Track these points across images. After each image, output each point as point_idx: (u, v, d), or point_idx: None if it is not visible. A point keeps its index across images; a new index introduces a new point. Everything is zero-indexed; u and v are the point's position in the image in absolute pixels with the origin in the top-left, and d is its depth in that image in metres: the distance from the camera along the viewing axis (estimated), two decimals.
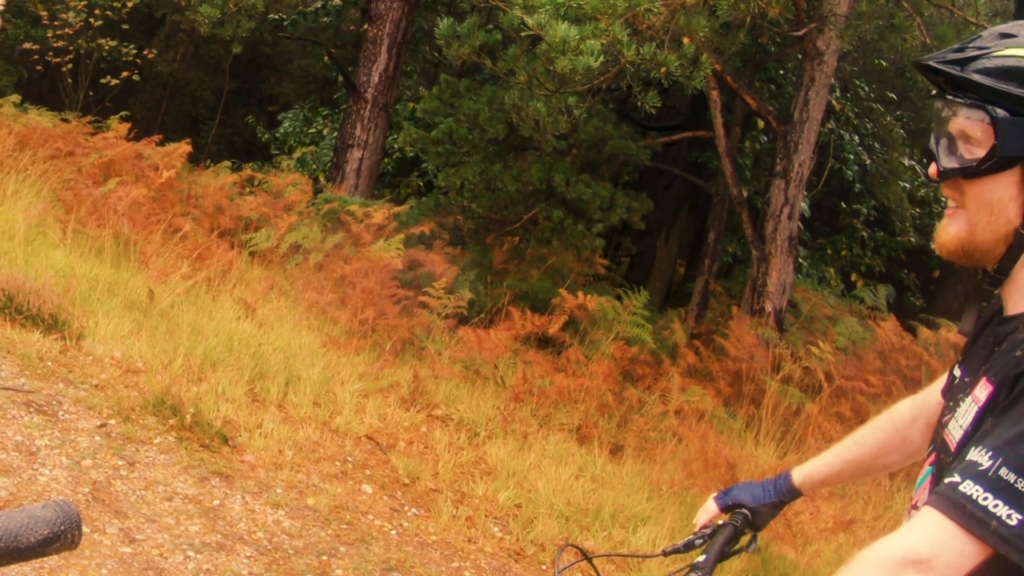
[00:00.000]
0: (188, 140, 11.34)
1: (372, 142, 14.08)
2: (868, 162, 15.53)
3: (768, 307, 10.77)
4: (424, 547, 5.57)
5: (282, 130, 19.50)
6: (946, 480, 1.72)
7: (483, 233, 12.94)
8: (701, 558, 2.32)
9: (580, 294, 9.74)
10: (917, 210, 16.61)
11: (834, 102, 14.39)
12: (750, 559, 6.29)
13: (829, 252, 16.04)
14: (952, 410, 1.95)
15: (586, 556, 2.45)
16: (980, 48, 1.87)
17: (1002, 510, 1.62)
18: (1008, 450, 1.66)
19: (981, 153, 1.85)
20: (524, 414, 7.90)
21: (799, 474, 2.57)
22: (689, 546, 2.47)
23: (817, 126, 10.94)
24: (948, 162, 1.92)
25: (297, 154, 17.86)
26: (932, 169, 1.99)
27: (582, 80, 8.87)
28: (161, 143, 11.25)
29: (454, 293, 9.80)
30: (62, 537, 1.47)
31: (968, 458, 1.71)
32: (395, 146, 16.43)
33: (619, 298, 10.30)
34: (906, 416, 2.48)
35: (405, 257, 10.05)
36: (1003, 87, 1.81)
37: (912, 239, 16.22)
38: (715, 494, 2.64)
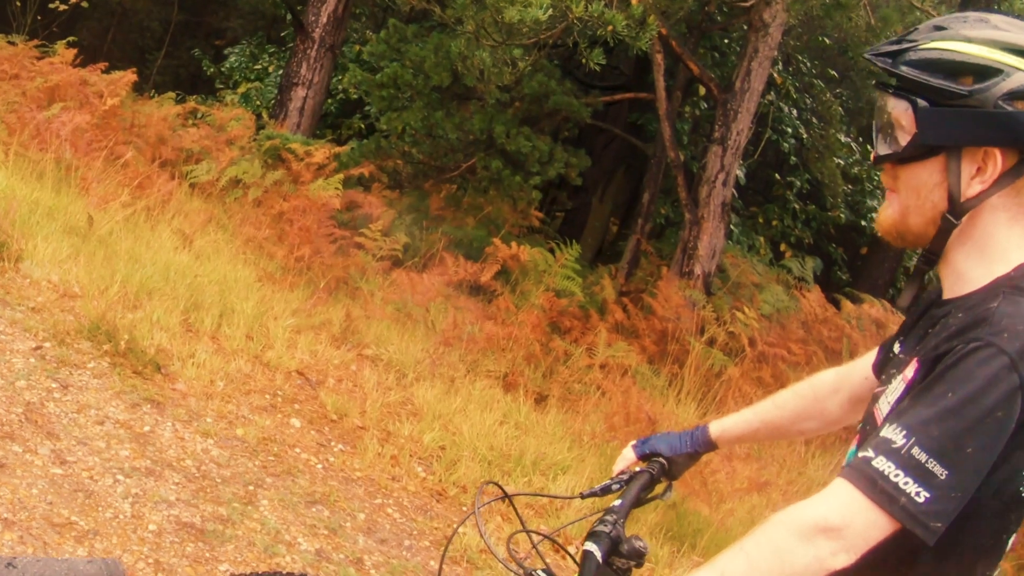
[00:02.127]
0: (134, 69, 11.20)
1: (317, 82, 14.05)
2: (805, 136, 15.68)
3: (697, 270, 10.94)
4: (349, 482, 5.66)
5: (228, 65, 19.33)
6: (860, 454, 1.81)
7: (422, 179, 12.98)
8: (617, 502, 2.36)
9: (514, 245, 9.81)
10: (849, 187, 16.79)
11: (776, 75, 14.53)
12: (665, 513, 6.44)
13: (760, 221, 16.21)
14: (885, 385, 2.04)
15: (506, 495, 2.48)
16: (911, 41, 1.97)
17: (911, 487, 1.72)
18: (921, 430, 1.74)
19: (908, 139, 1.95)
20: (452, 359, 7.98)
21: (716, 428, 2.62)
22: (606, 490, 2.51)
23: (757, 97, 11.07)
24: (881, 148, 2.02)
25: (242, 89, 17.73)
26: (872, 155, 2.10)
27: (529, 33, 8.93)
28: (107, 71, 11.09)
29: (390, 236, 9.86)
30: None
31: (882, 435, 1.79)
32: (339, 87, 16.38)
33: (552, 251, 10.37)
34: (828, 386, 2.53)
35: (343, 197, 10.06)
36: (924, 79, 1.90)
37: (842, 215, 16.43)
38: (633, 442, 2.69)
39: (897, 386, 1.95)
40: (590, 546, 2.18)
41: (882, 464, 1.75)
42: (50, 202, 8.02)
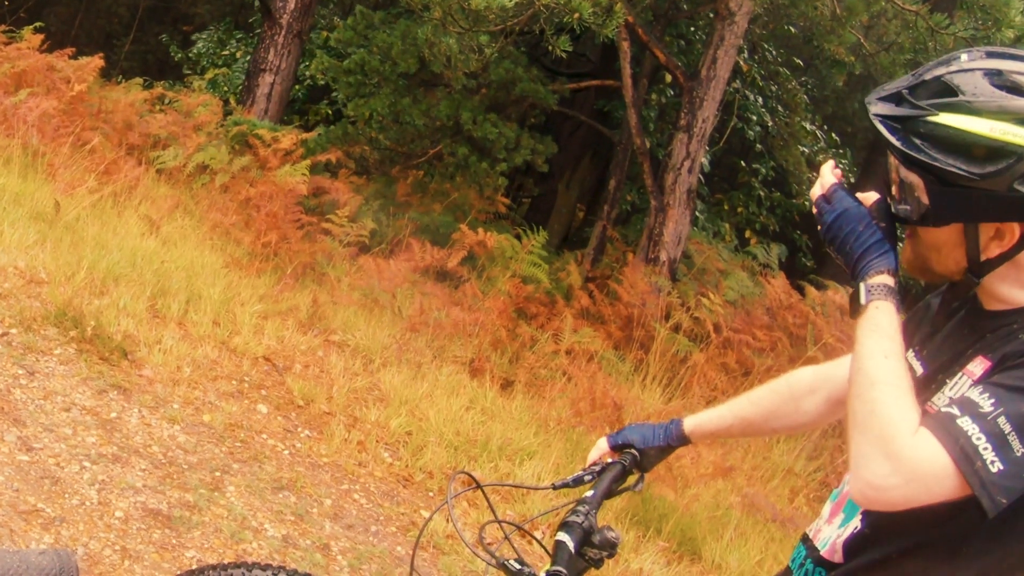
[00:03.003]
0: (101, 55, 11.14)
1: (284, 68, 14.00)
2: (770, 124, 15.74)
3: (663, 256, 11.00)
4: (315, 468, 5.68)
5: (195, 51, 19.24)
6: (944, 409, 1.79)
7: (388, 165, 13.00)
8: (589, 493, 2.38)
9: (480, 231, 9.82)
10: (814, 174, 16.81)
11: (741, 63, 14.59)
12: (631, 498, 6.49)
13: (726, 208, 16.29)
14: (932, 392, 1.97)
15: (478, 484, 2.50)
16: (918, 108, 1.88)
17: (989, 455, 1.69)
18: (1010, 403, 1.72)
19: (925, 201, 1.90)
20: (419, 344, 8.00)
21: (691, 423, 2.60)
22: (578, 481, 2.51)
23: (723, 85, 11.13)
24: (898, 205, 1.98)
25: (209, 75, 17.64)
26: (890, 202, 2.03)
27: (495, 20, 8.96)
28: (74, 56, 11.03)
29: (357, 222, 9.86)
30: None
31: (968, 396, 1.78)
32: (307, 73, 16.33)
33: (518, 237, 10.40)
34: (805, 385, 2.51)
35: (310, 183, 10.04)
36: (935, 157, 1.84)
37: (807, 202, 16.47)
38: (608, 435, 2.67)
39: (958, 381, 1.91)
40: (562, 536, 2.19)
41: (967, 424, 1.72)
42: (16, 188, 7.99)
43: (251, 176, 10.20)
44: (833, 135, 17.54)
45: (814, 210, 2.08)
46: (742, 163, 16.78)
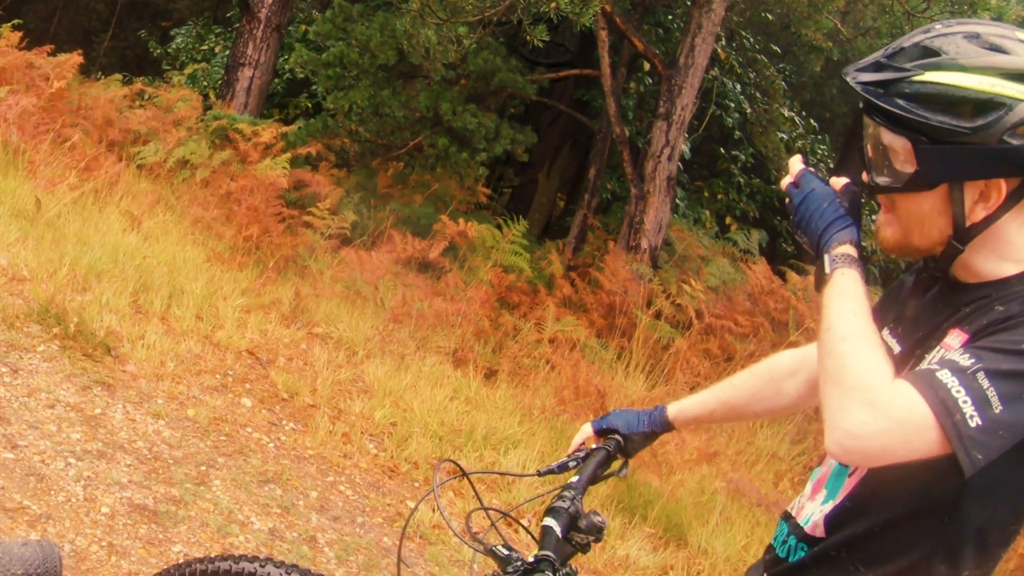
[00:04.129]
0: (80, 52, 11.13)
1: (263, 62, 13.99)
2: (749, 111, 15.77)
3: (644, 244, 11.03)
4: (301, 461, 5.69)
5: (174, 46, 19.23)
6: (923, 367, 1.79)
7: (369, 157, 13.00)
8: (574, 479, 2.38)
9: (461, 221, 9.85)
10: None
11: (719, 50, 14.62)
12: (616, 485, 6.51)
13: (706, 195, 16.32)
14: (915, 364, 1.95)
15: (464, 473, 2.51)
16: (901, 70, 1.88)
17: (968, 408, 1.67)
18: (989, 360, 1.70)
19: (908, 169, 1.88)
20: (402, 335, 8.02)
21: (674, 409, 2.60)
22: (563, 467, 2.51)
23: (701, 72, 11.16)
24: (878, 177, 1.96)
25: (188, 70, 17.62)
26: (864, 176, 2.01)
27: (473, 11, 8.98)
28: (53, 53, 11.01)
29: (338, 214, 9.87)
30: None
31: (947, 356, 1.77)
32: (286, 67, 16.32)
33: (499, 227, 10.42)
34: (785, 368, 2.51)
35: (291, 177, 10.04)
36: (923, 116, 1.82)
37: None
38: (592, 420, 2.68)
39: (936, 355, 1.89)
40: (549, 522, 2.20)
41: (947, 378, 1.70)
42: None
43: (232, 170, 10.19)
44: (811, 121, 17.59)
45: (787, 200, 2.10)
46: (721, 150, 16.81)
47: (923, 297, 2.09)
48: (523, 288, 9.93)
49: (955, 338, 1.86)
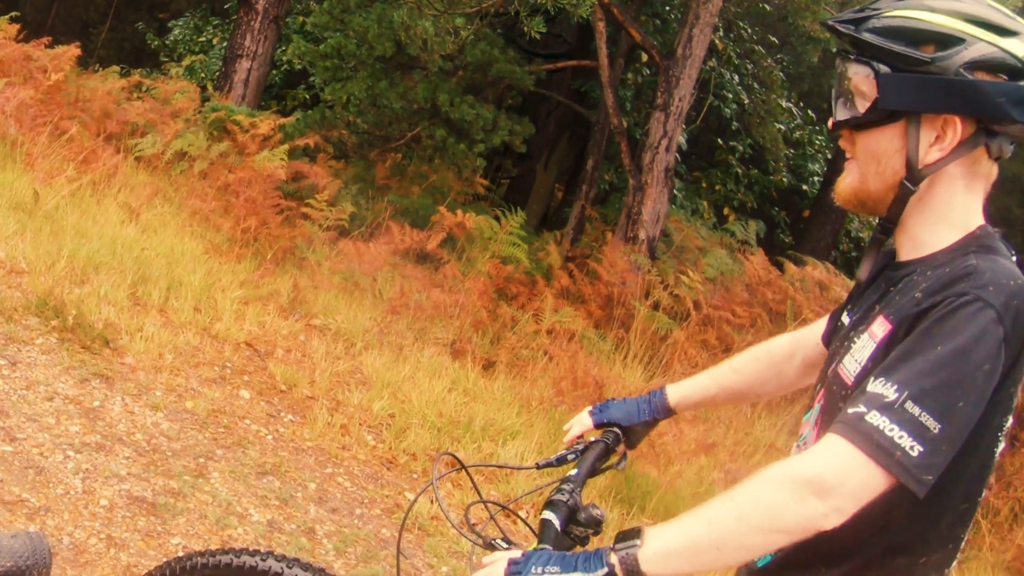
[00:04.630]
0: (78, 44, 11.10)
1: (261, 53, 13.97)
2: (746, 101, 15.78)
3: (642, 235, 11.04)
4: (299, 452, 5.70)
5: (172, 38, 19.21)
6: (850, 411, 1.80)
7: (367, 148, 13.00)
8: (573, 472, 2.38)
9: (459, 212, 9.85)
10: (791, 151, 16.95)
11: (717, 41, 14.63)
12: (615, 476, 6.52)
13: (704, 186, 16.35)
14: (846, 348, 2.04)
15: (463, 465, 2.52)
16: (874, 9, 2.00)
17: (906, 441, 1.72)
18: (914, 384, 1.75)
19: (867, 105, 1.98)
20: (400, 327, 8.02)
21: (675, 393, 2.63)
22: (561, 460, 2.53)
23: (699, 63, 11.15)
24: (841, 114, 2.06)
25: (186, 62, 17.61)
26: (830, 122, 2.12)
27: (470, 2, 8.98)
28: (50, 46, 10.99)
29: (336, 206, 9.87)
30: (26, 572, 1.45)
31: (871, 390, 1.79)
32: (283, 58, 16.31)
33: (497, 218, 10.43)
34: (784, 350, 2.56)
35: (289, 168, 10.02)
36: (887, 45, 1.93)
37: (784, 178, 16.60)
38: (591, 408, 2.69)
39: (865, 343, 1.97)
40: (548, 515, 2.21)
41: (876, 419, 1.75)
42: None
43: (230, 162, 10.18)
44: (809, 112, 17.63)
45: None
46: (719, 141, 16.83)
47: (876, 276, 2.15)
48: (521, 279, 9.94)
49: (880, 327, 1.94)
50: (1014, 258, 1.97)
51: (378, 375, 6.89)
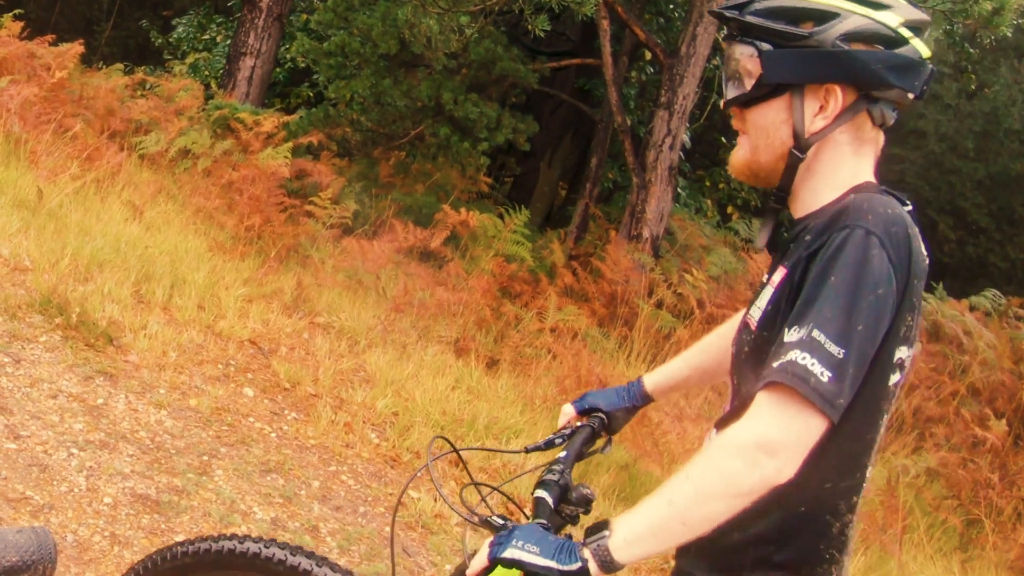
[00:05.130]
0: (81, 41, 11.12)
1: (265, 51, 13.98)
2: None
3: (645, 233, 11.03)
4: (303, 450, 5.70)
5: (176, 35, 19.19)
6: (774, 364, 1.88)
7: (370, 146, 13.01)
8: (562, 454, 2.44)
9: (463, 210, 9.84)
10: None
11: (721, 39, 14.61)
12: (617, 474, 6.54)
13: (707, 184, 16.35)
14: (753, 301, 2.18)
15: (455, 449, 2.57)
16: None
17: (817, 368, 1.82)
18: (815, 315, 1.85)
19: (752, 82, 2.11)
20: (404, 325, 8.02)
21: (650, 381, 2.75)
22: (549, 444, 2.60)
23: (703, 61, 11.15)
24: (730, 93, 2.18)
25: (190, 60, 17.60)
26: (721, 102, 2.25)
27: (475, 0, 8.96)
28: (54, 43, 11.01)
29: (340, 204, 9.87)
30: (32, 568, 1.45)
31: (786, 340, 1.88)
32: (287, 56, 16.31)
33: (501, 216, 10.42)
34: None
35: (292, 166, 10.02)
36: (769, 24, 2.07)
37: None
38: (572, 401, 2.77)
39: (766, 292, 2.12)
40: (541, 493, 2.26)
41: (793, 355, 1.84)
42: None
43: (233, 160, 10.19)
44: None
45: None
46: (723, 139, 16.82)
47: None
48: (525, 277, 9.94)
49: (778, 274, 2.08)
50: (908, 208, 2.07)
51: (382, 373, 6.89)
